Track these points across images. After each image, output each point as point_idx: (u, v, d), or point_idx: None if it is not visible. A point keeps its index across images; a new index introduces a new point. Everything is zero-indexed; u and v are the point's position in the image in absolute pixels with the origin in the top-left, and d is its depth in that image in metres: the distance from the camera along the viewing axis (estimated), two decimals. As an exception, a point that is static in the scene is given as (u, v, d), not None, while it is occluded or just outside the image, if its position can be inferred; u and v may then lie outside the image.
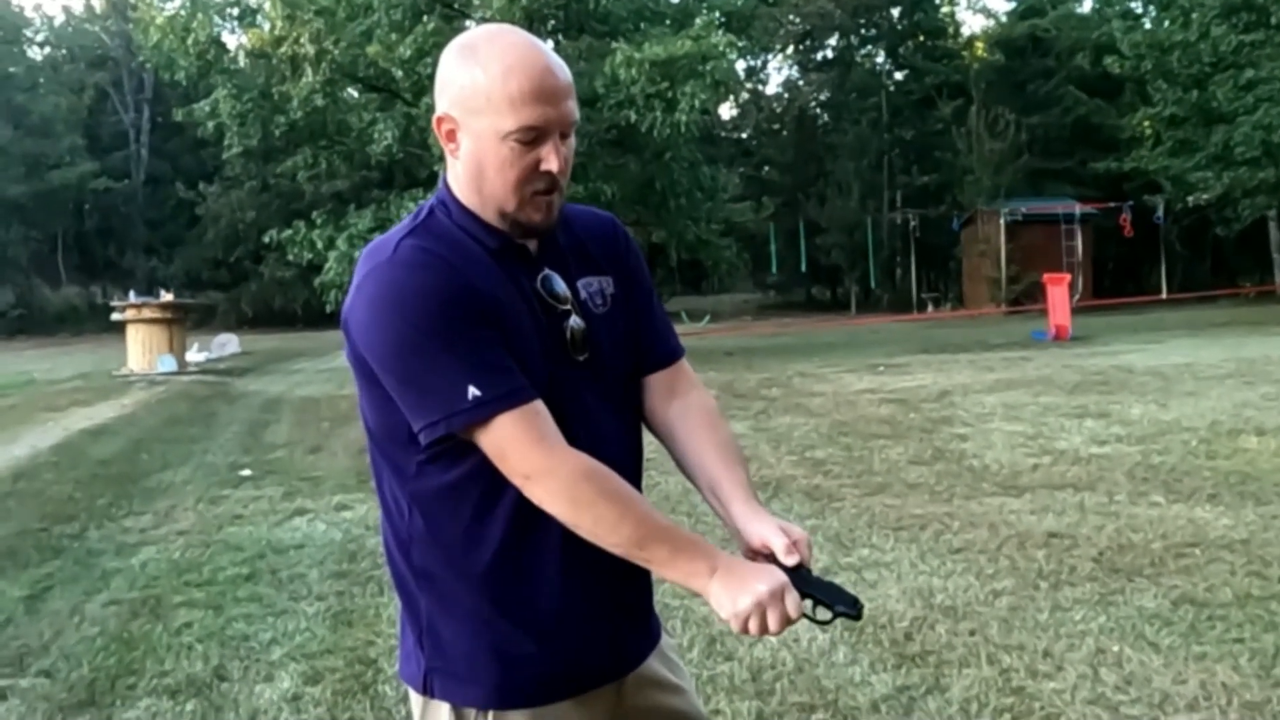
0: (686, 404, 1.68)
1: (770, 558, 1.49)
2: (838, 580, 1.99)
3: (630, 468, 1.61)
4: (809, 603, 1.46)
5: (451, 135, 1.52)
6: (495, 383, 1.43)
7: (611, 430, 1.59)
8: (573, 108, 1.51)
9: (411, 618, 1.58)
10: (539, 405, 1.45)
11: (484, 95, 1.46)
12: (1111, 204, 29.53)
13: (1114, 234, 29.88)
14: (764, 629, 1.42)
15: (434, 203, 1.58)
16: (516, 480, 1.45)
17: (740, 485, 1.60)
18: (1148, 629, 3.83)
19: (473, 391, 1.42)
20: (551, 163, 1.49)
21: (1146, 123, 26.58)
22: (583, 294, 1.60)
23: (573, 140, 1.54)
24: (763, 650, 3.80)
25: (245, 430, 10.69)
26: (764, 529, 1.52)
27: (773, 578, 1.44)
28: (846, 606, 1.47)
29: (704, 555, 1.45)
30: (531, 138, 1.47)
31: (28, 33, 45.79)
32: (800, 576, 1.47)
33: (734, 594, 1.42)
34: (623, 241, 1.71)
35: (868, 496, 6.28)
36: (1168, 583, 4.35)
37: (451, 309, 1.43)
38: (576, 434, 1.50)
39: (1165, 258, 31.28)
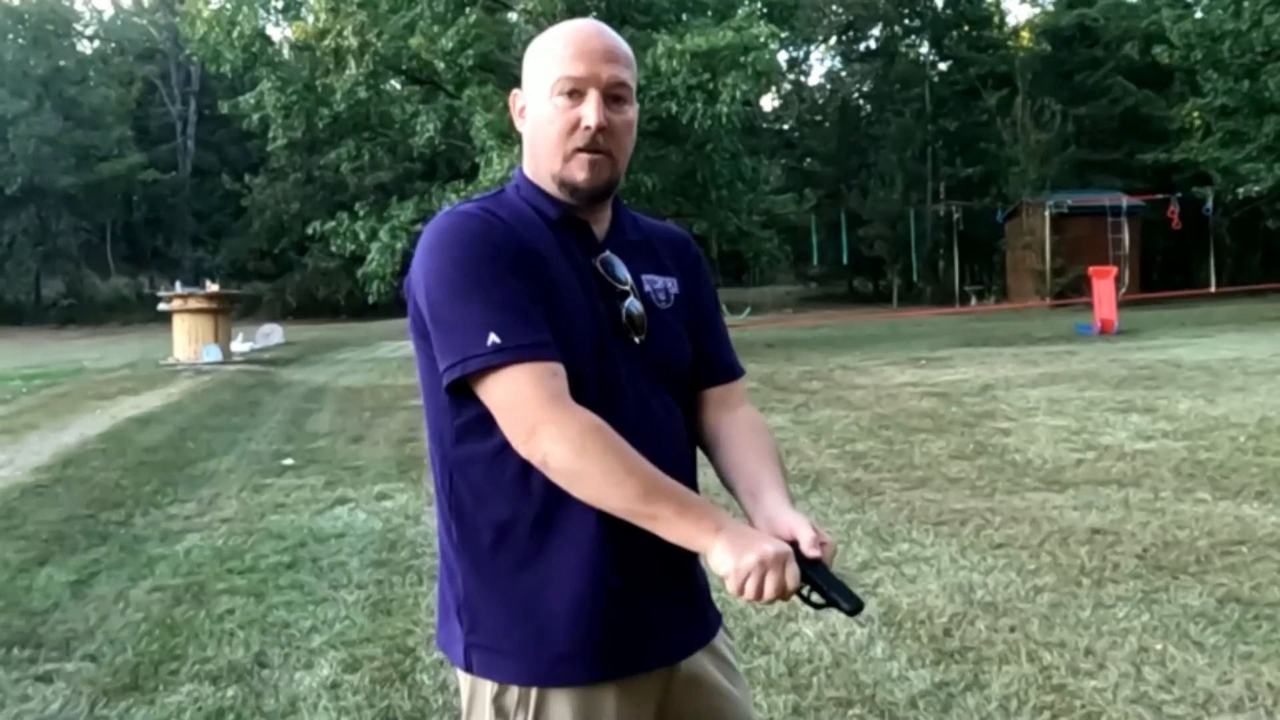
0: (737, 416, 1.73)
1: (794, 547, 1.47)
2: (879, 573, 1.97)
3: (683, 447, 1.64)
4: (807, 587, 1.44)
5: (523, 111, 1.63)
6: (517, 333, 1.45)
7: (664, 411, 1.61)
8: (618, 73, 1.57)
9: (452, 591, 1.59)
10: (557, 367, 1.46)
11: (538, 62, 1.59)
12: (1160, 196, 29.10)
13: (1162, 226, 29.46)
14: (760, 593, 1.38)
15: (509, 186, 1.67)
16: (520, 436, 1.44)
17: (781, 486, 1.60)
18: (1192, 627, 3.78)
19: (493, 338, 1.44)
20: (590, 117, 1.54)
21: (1196, 113, 26.10)
22: (646, 286, 1.64)
23: (631, 114, 1.59)
24: (800, 644, 3.79)
25: (288, 419, 10.80)
26: (795, 521, 1.50)
27: (777, 544, 1.42)
28: (842, 599, 1.44)
29: (710, 514, 1.43)
30: (569, 89, 1.55)
31: (78, 26, 46.44)
32: (813, 566, 1.45)
33: (739, 550, 1.39)
34: (694, 257, 1.77)
35: (908, 490, 6.23)
36: (1213, 581, 4.29)
37: (495, 256, 1.48)
38: (628, 409, 1.53)
39: (1214, 251, 30.79)
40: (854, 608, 1.44)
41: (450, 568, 1.59)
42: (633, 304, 1.59)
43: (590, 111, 1.54)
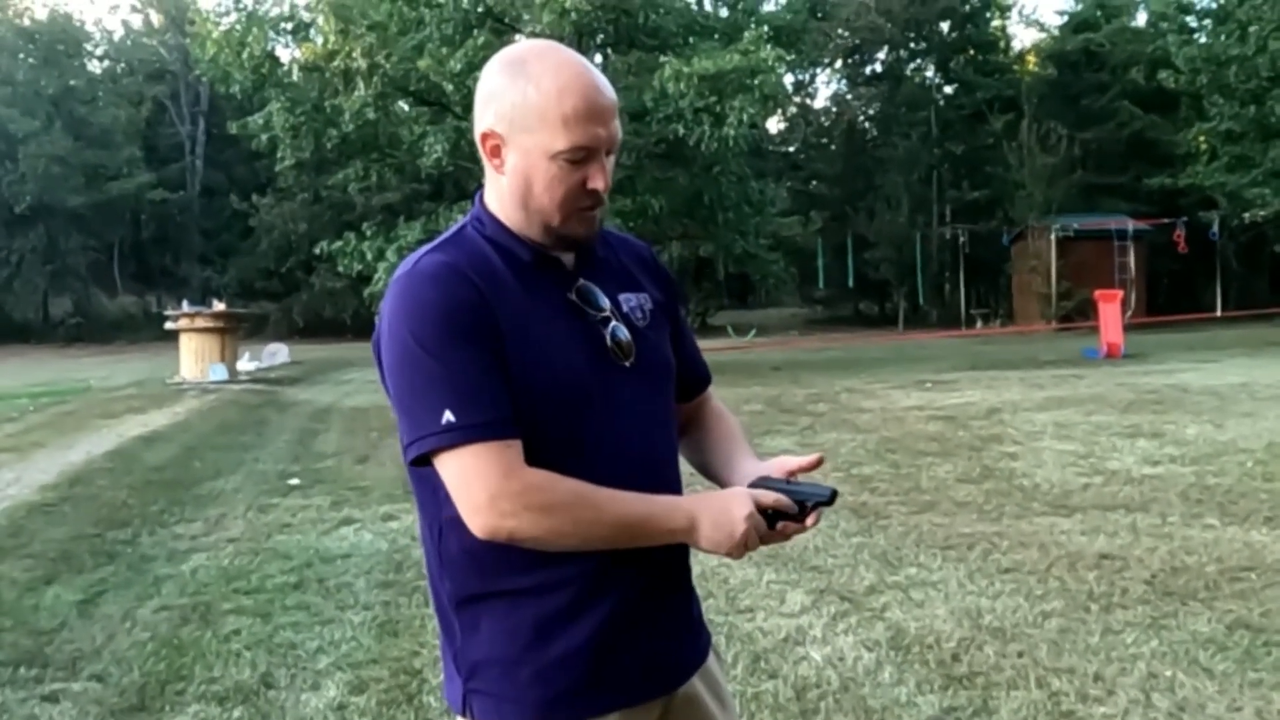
0: (709, 410, 1.81)
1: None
2: (886, 597, 1.97)
3: (673, 467, 1.64)
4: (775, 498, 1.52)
5: (496, 151, 1.52)
6: (472, 411, 1.42)
7: (660, 428, 1.61)
8: (618, 126, 1.53)
9: (448, 639, 1.58)
10: (513, 443, 1.44)
11: (536, 113, 1.47)
12: (1166, 220, 29.10)
13: (1168, 250, 29.44)
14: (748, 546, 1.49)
15: (469, 219, 1.60)
16: (476, 516, 1.43)
17: (750, 452, 1.72)
18: (1201, 654, 3.76)
19: (448, 416, 1.42)
20: (598, 181, 1.51)
21: (1202, 138, 26.18)
22: (624, 307, 1.61)
23: (614, 156, 1.56)
24: (808, 669, 3.78)
25: (295, 439, 10.81)
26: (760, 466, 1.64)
27: (737, 499, 1.51)
28: (809, 494, 1.53)
29: (677, 510, 1.50)
30: (581, 157, 1.49)
31: (88, 46, 46.70)
32: (764, 481, 1.56)
33: (720, 530, 1.48)
34: (662, 269, 1.77)
35: (915, 515, 6.22)
36: (1222, 607, 4.27)
37: (454, 326, 1.44)
38: (628, 438, 1.53)
39: (1221, 275, 30.78)
40: (829, 496, 1.53)
41: (448, 621, 1.57)
42: (618, 329, 1.57)
43: (599, 177, 1.51)
